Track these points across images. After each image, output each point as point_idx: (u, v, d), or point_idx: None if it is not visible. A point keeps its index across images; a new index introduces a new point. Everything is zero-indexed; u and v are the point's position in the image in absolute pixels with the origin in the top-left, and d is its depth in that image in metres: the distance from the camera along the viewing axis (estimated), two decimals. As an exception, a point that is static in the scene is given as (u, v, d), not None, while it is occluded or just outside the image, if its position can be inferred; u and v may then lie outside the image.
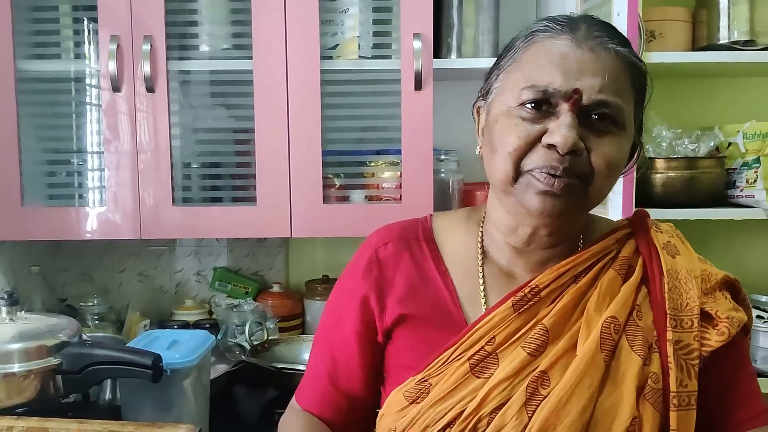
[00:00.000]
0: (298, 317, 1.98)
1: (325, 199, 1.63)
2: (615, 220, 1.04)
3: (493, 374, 0.87)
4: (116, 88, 1.59)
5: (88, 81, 1.67)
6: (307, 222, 1.63)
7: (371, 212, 1.65)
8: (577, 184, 0.85)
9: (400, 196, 1.63)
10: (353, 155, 1.69)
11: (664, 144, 1.71)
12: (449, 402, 0.87)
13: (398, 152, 1.63)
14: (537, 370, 0.86)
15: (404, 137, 1.61)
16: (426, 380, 0.89)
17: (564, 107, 0.84)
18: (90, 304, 1.89)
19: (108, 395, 1.37)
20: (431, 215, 1.06)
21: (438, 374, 0.89)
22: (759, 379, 1.62)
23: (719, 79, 1.92)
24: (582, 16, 0.90)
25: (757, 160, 1.66)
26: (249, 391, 1.67)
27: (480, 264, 0.98)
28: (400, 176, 1.63)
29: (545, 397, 0.85)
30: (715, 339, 0.89)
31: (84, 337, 1.28)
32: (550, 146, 0.84)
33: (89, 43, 1.66)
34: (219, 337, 1.82)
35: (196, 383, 1.26)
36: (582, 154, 0.84)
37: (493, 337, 0.89)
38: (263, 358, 1.68)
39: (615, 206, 1.51)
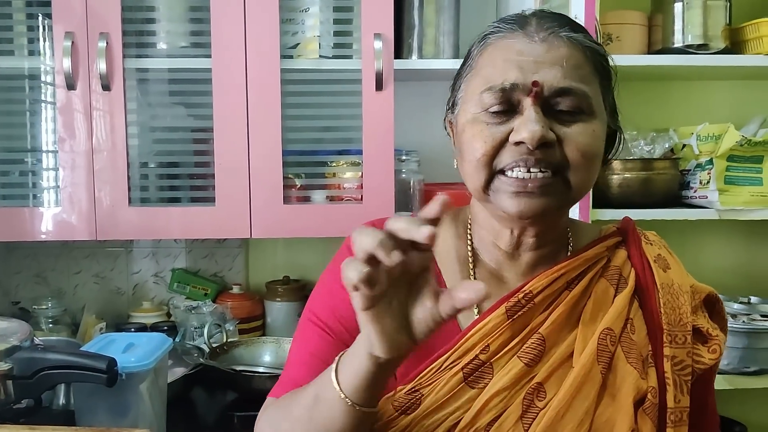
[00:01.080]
0: (258, 319, 1.96)
1: (286, 200, 1.62)
2: (600, 226, 1.01)
3: (488, 384, 0.84)
4: (71, 86, 1.55)
5: (42, 78, 1.63)
6: (268, 222, 1.61)
7: (332, 212, 1.65)
8: (553, 180, 0.83)
9: (362, 196, 1.63)
10: (314, 155, 1.68)
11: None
12: (443, 412, 0.83)
13: (359, 152, 1.63)
14: (533, 382, 0.84)
15: (365, 137, 1.61)
16: (417, 390, 0.84)
17: (527, 102, 0.82)
18: (44, 306, 1.85)
19: (61, 400, 1.34)
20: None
21: (430, 384, 0.84)
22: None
23: (674, 82, 1.96)
24: (532, 11, 0.89)
25: (710, 162, 1.70)
26: (207, 395, 1.65)
27: (471, 266, 0.95)
28: (362, 176, 1.63)
29: (541, 409, 0.83)
30: (708, 357, 0.90)
31: (36, 341, 1.25)
32: (519, 143, 0.82)
33: (43, 39, 1.62)
34: (177, 339, 1.79)
35: (152, 387, 1.24)
36: (554, 146, 0.82)
37: (488, 345, 0.85)
38: (222, 360, 1.66)
39: (573, 207, 1.52)
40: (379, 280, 0.63)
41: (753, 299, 1.81)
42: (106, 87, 1.56)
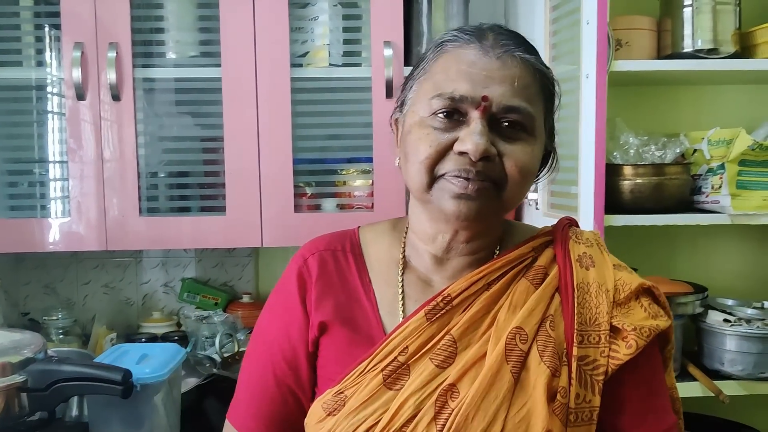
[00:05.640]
0: (268, 328, 1.95)
1: (297, 208, 1.61)
2: (538, 227, 1.03)
3: (404, 386, 0.86)
4: (80, 96, 1.55)
5: (50, 89, 1.64)
6: (279, 231, 1.61)
7: (343, 220, 1.64)
8: (490, 187, 0.87)
9: (372, 204, 1.62)
10: (324, 163, 1.68)
11: (631, 151, 1.73)
12: (363, 414, 0.86)
13: (369, 160, 1.62)
14: (446, 383, 0.85)
15: (375, 145, 1.60)
16: (342, 392, 0.88)
17: (474, 114, 0.85)
18: (54, 318, 1.84)
19: (74, 412, 1.34)
20: (359, 227, 1.05)
21: (354, 386, 0.88)
22: (726, 382, 1.67)
23: (684, 87, 1.95)
24: (490, 26, 0.92)
25: (722, 167, 1.69)
26: (220, 404, 1.63)
27: (400, 273, 0.98)
28: (372, 184, 1.62)
29: (453, 409, 0.84)
30: (623, 352, 0.88)
31: (50, 352, 1.24)
32: (462, 153, 0.85)
33: (52, 50, 1.62)
34: (188, 349, 1.78)
35: (166, 398, 1.23)
36: (495, 160, 0.86)
37: (407, 347, 0.88)
38: (235, 370, 1.65)
39: (586, 214, 1.52)
40: None
41: (766, 304, 1.80)
42: (115, 97, 1.56)
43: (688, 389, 1.70)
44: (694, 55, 1.72)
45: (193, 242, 1.65)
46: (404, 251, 0.99)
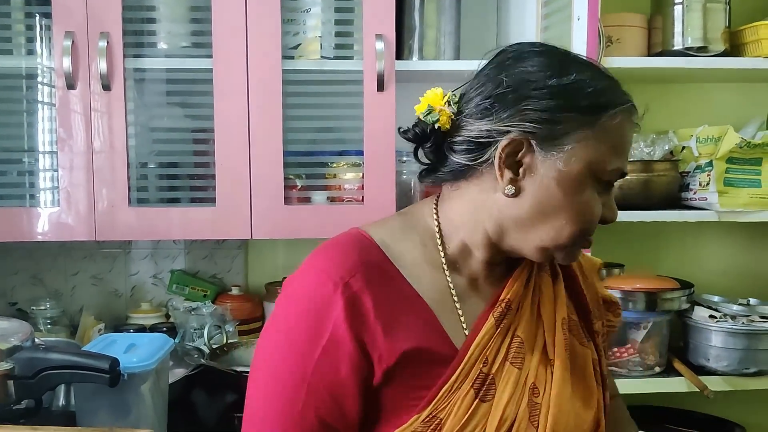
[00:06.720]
0: (258, 320, 1.95)
1: (287, 200, 1.61)
2: None
3: (495, 395, 0.85)
4: (71, 85, 1.54)
5: (40, 78, 1.62)
6: (268, 223, 1.61)
7: (333, 213, 1.64)
8: None
9: (363, 197, 1.63)
10: (315, 156, 1.68)
11: (620, 147, 1.74)
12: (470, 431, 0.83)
13: (360, 153, 1.62)
14: (529, 383, 0.88)
15: (366, 138, 1.61)
16: (434, 416, 0.83)
17: (612, 185, 0.88)
18: (42, 307, 1.83)
19: (61, 401, 1.34)
20: (362, 230, 0.92)
21: (445, 407, 0.83)
22: (711, 378, 1.69)
23: (673, 85, 1.97)
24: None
25: (710, 164, 1.71)
26: (208, 396, 1.63)
27: (448, 278, 0.91)
28: (363, 177, 1.62)
29: (541, 407, 0.87)
30: (615, 320, 1.06)
31: (37, 341, 1.24)
32: (603, 221, 0.88)
33: (42, 39, 1.61)
34: (176, 340, 1.78)
35: (154, 387, 1.23)
36: None
37: (486, 357, 0.87)
38: (222, 361, 1.65)
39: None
40: None
41: (752, 301, 1.82)
42: (106, 87, 1.55)
43: (673, 384, 1.72)
44: (684, 52, 1.73)
45: (183, 233, 1.65)
46: (445, 253, 0.92)
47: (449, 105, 0.89)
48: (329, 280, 0.84)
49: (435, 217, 0.93)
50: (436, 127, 0.89)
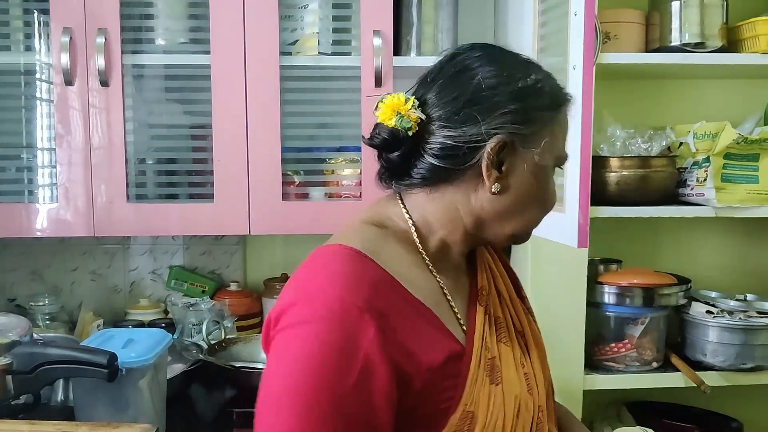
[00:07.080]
0: (256, 316, 1.96)
1: (285, 196, 1.62)
2: None
3: (503, 377, 0.91)
4: (69, 81, 1.55)
5: (38, 74, 1.63)
6: (266, 219, 1.61)
7: (331, 209, 1.65)
8: None
9: (360, 193, 1.63)
10: (313, 152, 1.68)
11: (617, 143, 1.74)
12: (495, 418, 0.87)
13: (358, 149, 1.63)
14: (517, 357, 0.96)
15: (364, 134, 1.59)
16: (467, 411, 0.85)
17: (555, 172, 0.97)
18: (40, 303, 1.84)
19: (60, 396, 1.34)
20: (345, 245, 0.87)
21: (472, 400, 0.86)
22: (708, 373, 1.69)
23: (671, 81, 1.97)
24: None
25: (707, 160, 1.71)
26: (206, 391, 1.64)
27: (436, 276, 0.93)
28: (360, 173, 1.63)
29: (528, 374, 0.96)
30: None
31: (35, 336, 1.24)
32: None
33: (40, 35, 1.61)
34: (175, 336, 1.79)
35: (152, 382, 1.23)
36: None
37: (486, 342, 0.92)
38: (221, 357, 1.66)
39: (572, 205, 1.52)
40: None
41: (749, 296, 1.83)
42: (104, 83, 1.55)
43: (670, 380, 1.72)
44: (682, 48, 1.73)
45: (181, 229, 1.65)
46: (426, 253, 0.93)
47: (415, 110, 0.91)
48: (353, 306, 0.79)
49: (408, 219, 0.94)
50: (410, 134, 0.91)
